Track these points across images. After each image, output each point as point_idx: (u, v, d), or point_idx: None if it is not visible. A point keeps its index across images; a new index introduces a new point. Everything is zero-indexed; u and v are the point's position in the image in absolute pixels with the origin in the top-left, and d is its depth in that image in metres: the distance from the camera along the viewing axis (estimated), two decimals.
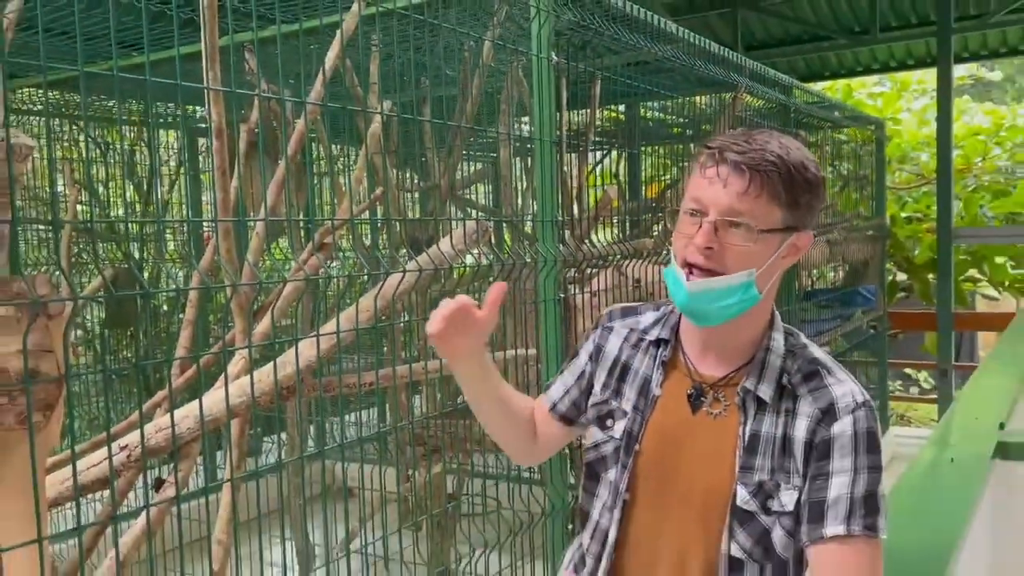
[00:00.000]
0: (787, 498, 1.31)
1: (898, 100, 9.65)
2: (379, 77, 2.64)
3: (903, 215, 8.77)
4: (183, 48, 2.85)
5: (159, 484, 1.92)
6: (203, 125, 5.10)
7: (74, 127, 5.03)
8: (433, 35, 2.56)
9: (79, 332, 4.79)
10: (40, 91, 4.48)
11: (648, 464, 1.41)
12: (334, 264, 2.19)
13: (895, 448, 6.68)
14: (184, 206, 5.45)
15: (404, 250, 2.64)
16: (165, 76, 1.85)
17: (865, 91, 9.92)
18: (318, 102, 2.05)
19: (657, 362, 1.44)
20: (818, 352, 1.40)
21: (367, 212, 2.81)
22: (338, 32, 2.17)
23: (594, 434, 1.48)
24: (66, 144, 5.05)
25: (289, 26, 2.50)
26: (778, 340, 1.39)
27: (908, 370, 11.00)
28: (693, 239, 1.29)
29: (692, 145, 5.10)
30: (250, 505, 2.44)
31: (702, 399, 1.39)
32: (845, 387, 1.33)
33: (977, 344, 10.94)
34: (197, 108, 5.13)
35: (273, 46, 2.79)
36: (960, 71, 11.80)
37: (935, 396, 7.94)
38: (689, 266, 1.30)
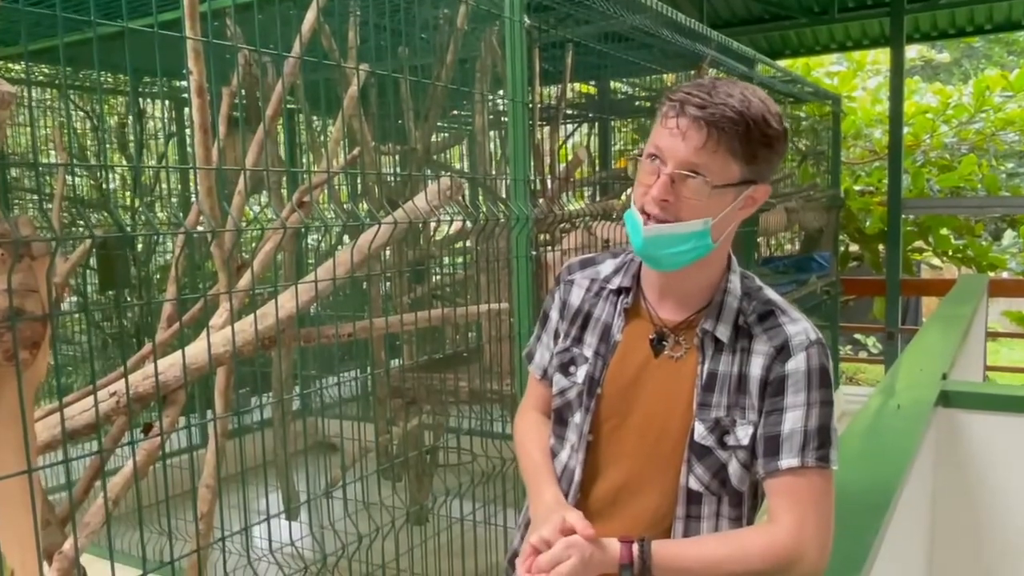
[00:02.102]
0: (742, 433, 1.30)
1: (853, 79, 9.67)
2: (356, 39, 2.59)
3: (856, 188, 8.84)
4: (164, 15, 2.79)
5: (147, 428, 1.90)
6: (187, 96, 4.99)
7: (69, 102, 4.91)
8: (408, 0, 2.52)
9: (74, 299, 4.71)
10: (29, 62, 4.36)
11: (610, 407, 1.40)
12: (315, 222, 2.16)
13: (844, 405, 6.78)
14: (176, 176, 5.36)
15: (382, 211, 2.62)
16: (146, 43, 1.80)
17: (823, 70, 9.93)
18: (295, 56, 2.01)
19: (619, 309, 1.43)
20: (772, 294, 1.40)
21: (345, 174, 2.78)
22: None
23: (558, 381, 1.47)
24: (60, 118, 4.93)
25: None
26: (735, 282, 1.38)
27: (858, 336, 11.16)
28: (650, 189, 1.27)
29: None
30: (238, 459, 2.43)
31: (664, 343, 1.38)
32: (799, 326, 1.33)
33: (921, 311, 11.11)
34: (183, 83, 5.03)
35: (251, 13, 2.73)
36: (911, 53, 11.87)
37: (882, 359, 8.07)
38: (646, 215, 1.28)
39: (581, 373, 1.43)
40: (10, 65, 4.50)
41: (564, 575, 1.19)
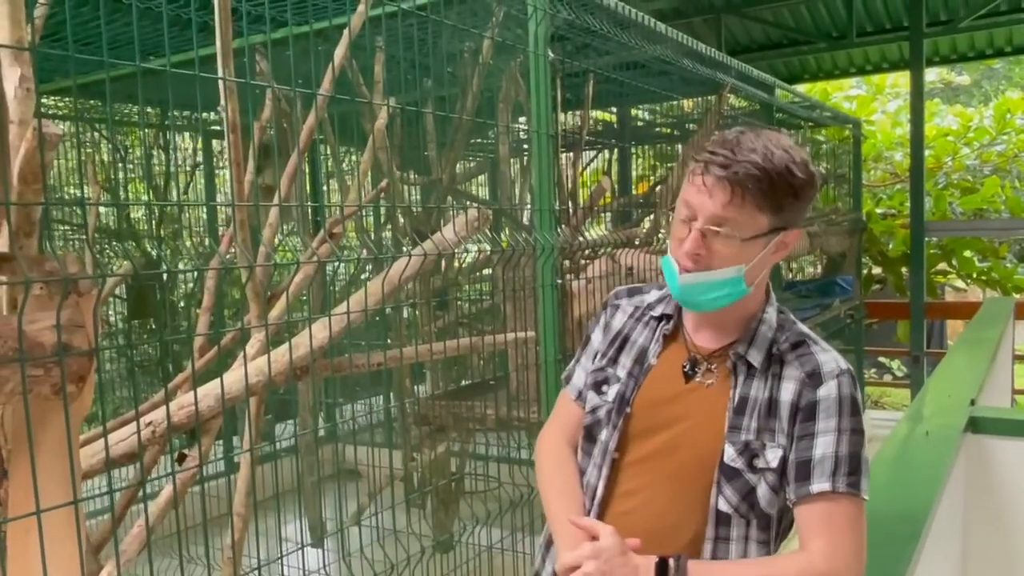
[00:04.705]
0: (771, 456, 1.33)
1: (872, 102, 9.66)
2: (383, 75, 2.64)
3: (878, 211, 8.80)
4: (198, 51, 2.86)
5: (181, 458, 1.93)
6: (217, 127, 5.12)
7: (95, 132, 5.03)
8: (436, 35, 2.56)
9: (103, 327, 4.78)
10: (63, 97, 4.47)
11: (638, 426, 1.43)
12: (344, 252, 2.19)
13: (870, 430, 6.65)
14: (199, 207, 5.44)
15: (407, 239, 2.66)
16: (182, 79, 1.86)
17: (841, 94, 9.93)
18: (326, 94, 2.06)
19: (658, 335, 1.48)
20: (804, 328, 1.44)
21: (373, 205, 2.82)
22: (345, 31, 2.17)
23: (591, 399, 1.51)
24: (89, 150, 5.04)
25: (299, 28, 2.51)
26: (771, 314, 1.42)
27: (882, 359, 11.05)
28: (683, 244, 1.33)
29: (679, 146, 5.11)
30: (267, 485, 2.45)
31: (696, 369, 1.42)
32: (829, 355, 1.37)
33: (946, 334, 10.99)
34: (211, 115, 5.13)
35: (283, 49, 2.80)
36: (931, 75, 11.84)
37: (907, 382, 7.98)
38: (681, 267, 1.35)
39: (612, 392, 1.47)
40: (43, 100, 4.62)
41: (599, 550, 1.24)
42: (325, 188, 5.46)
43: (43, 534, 1.20)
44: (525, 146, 3.68)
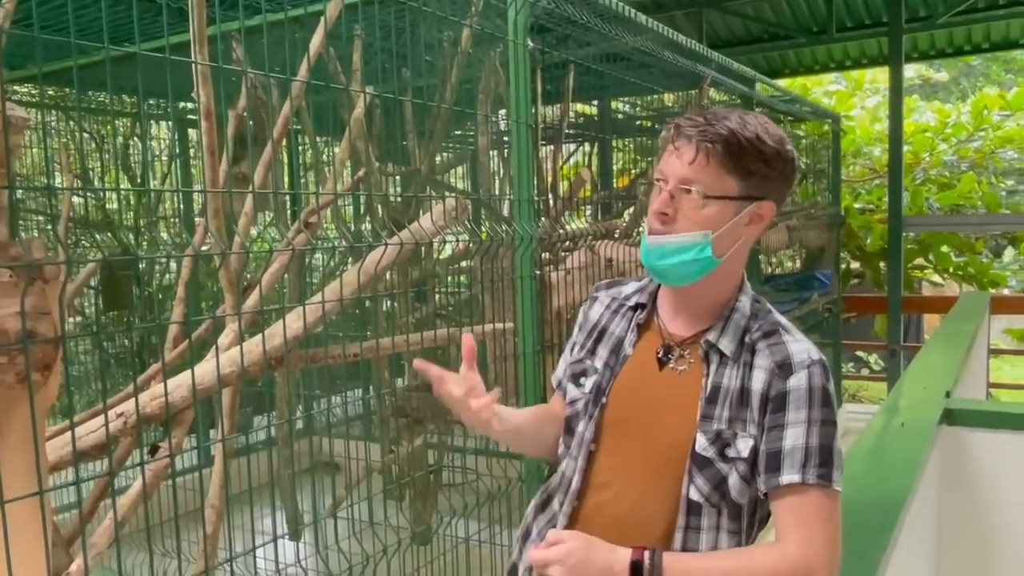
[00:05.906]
0: (743, 445, 1.32)
1: (851, 98, 9.73)
2: (361, 64, 2.62)
3: (856, 206, 8.87)
4: (172, 38, 2.82)
5: (154, 449, 1.90)
6: (193, 117, 5.05)
7: (70, 121, 4.95)
8: (414, 23, 2.54)
9: (78, 318, 4.72)
10: (37, 84, 4.39)
11: (614, 417, 1.43)
12: (320, 243, 2.17)
13: (847, 423, 6.76)
14: (176, 197, 5.38)
15: (386, 231, 2.63)
16: (156, 67, 1.83)
17: (821, 89, 10.00)
18: (302, 80, 2.03)
19: (632, 324, 1.48)
20: (780, 317, 1.43)
21: (350, 194, 2.79)
22: (322, 19, 2.15)
23: (571, 391, 1.51)
24: (64, 139, 4.97)
25: (274, 15, 2.47)
26: (744, 302, 1.41)
27: (860, 353, 11.15)
28: (653, 205, 1.36)
29: (659, 138, 5.10)
30: (242, 478, 2.43)
31: (669, 356, 1.42)
32: (801, 345, 1.35)
33: (923, 329, 11.10)
34: (187, 104, 5.07)
35: (258, 36, 2.76)
36: (910, 72, 11.95)
37: (885, 376, 8.06)
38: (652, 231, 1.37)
39: (589, 383, 1.48)
40: (15, 88, 4.54)
41: (565, 552, 1.22)
42: (303, 179, 5.41)
43: (7, 526, 1.17)
44: (505, 138, 3.66)
